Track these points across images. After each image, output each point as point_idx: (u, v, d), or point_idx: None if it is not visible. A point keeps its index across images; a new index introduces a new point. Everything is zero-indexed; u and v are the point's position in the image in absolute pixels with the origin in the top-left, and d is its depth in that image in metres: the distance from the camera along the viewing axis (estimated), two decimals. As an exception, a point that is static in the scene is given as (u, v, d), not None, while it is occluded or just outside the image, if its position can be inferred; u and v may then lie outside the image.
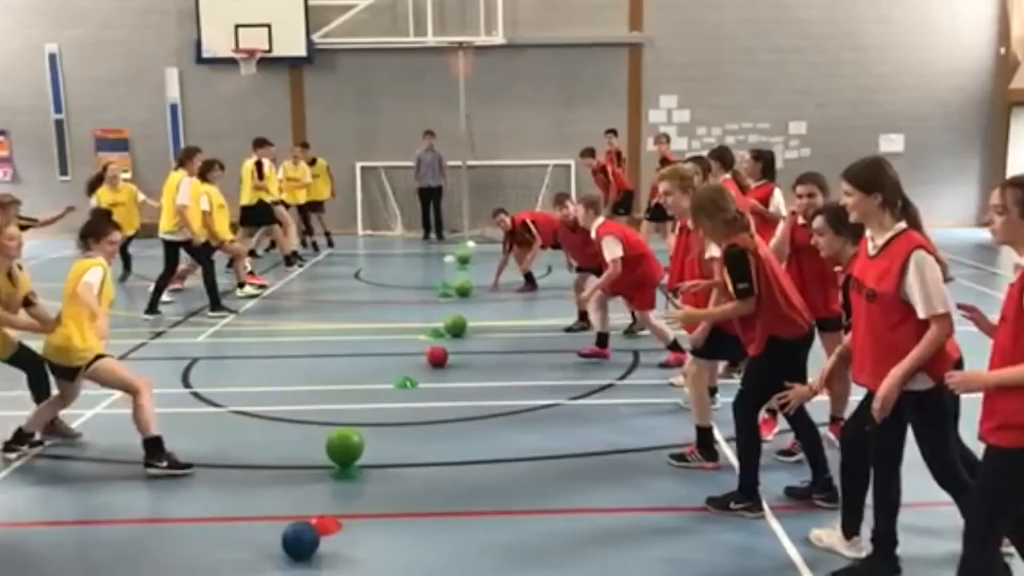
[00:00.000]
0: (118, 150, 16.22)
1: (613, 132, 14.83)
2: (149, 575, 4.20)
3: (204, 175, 9.83)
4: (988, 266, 12.67)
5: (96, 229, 5.56)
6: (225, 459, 5.35)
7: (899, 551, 3.99)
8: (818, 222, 4.65)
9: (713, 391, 5.89)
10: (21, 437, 5.59)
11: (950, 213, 16.42)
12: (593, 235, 7.63)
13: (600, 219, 7.68)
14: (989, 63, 16.42)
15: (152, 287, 9.84)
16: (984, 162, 16.76)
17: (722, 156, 7.67)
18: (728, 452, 5.39)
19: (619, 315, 8.20)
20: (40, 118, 16.36)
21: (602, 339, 7.70)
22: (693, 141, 16.22)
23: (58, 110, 16.43)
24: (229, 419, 6.31)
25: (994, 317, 3.28)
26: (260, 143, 12.60)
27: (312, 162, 14.58)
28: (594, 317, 7.86)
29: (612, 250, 7.33)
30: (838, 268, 4.67)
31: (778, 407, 4.57)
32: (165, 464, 5.23)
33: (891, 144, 16.42)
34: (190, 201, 9.52)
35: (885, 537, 3.95)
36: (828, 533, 4.29)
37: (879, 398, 3.63)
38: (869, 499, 4.06)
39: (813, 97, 16.30)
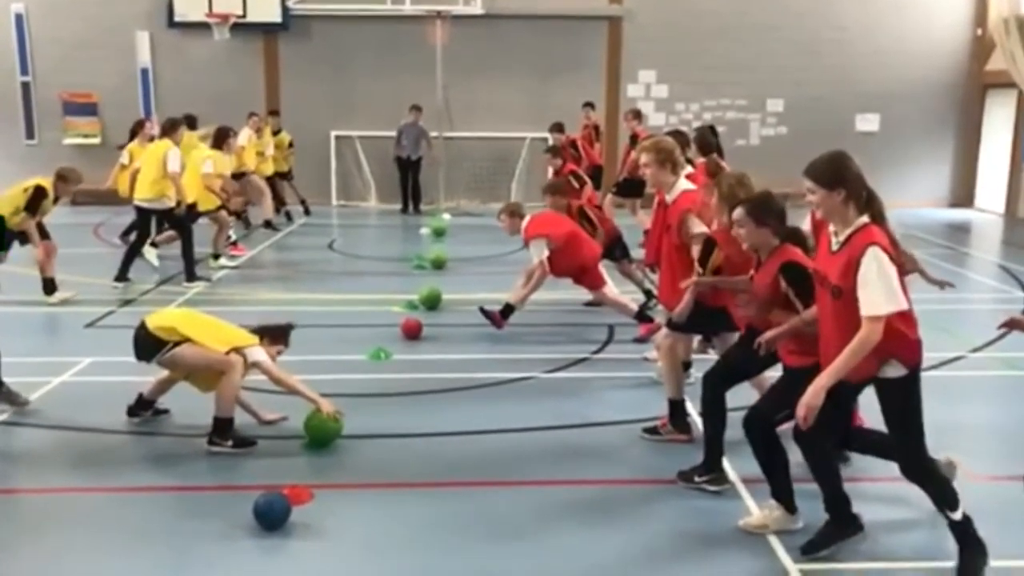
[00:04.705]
0: (87, 115, 15.91)
1: (591, 105, 14.76)
2: (119, 544, 4.14)
3: (220, 143, 10.53)
4: (960, 246, 12.81)
5: (277, 334, 5.48)
6: (196, 428, 5.29)
7: (866, 521, 4.00)
8: (738, 213, 4.27)
9: (687, 365, 5.90)
10: (143, 403, 5.57)
11: (924, 193, 16.58)
12: (523, 238, 7.72)
13: (525, 219, 7.70)
14: (965, 44, 16.51)
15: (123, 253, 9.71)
16: (958, 143, 16.91)
17: (701, 141, 7.86)
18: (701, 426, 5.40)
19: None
20: (5, 81, 16.00)
21: (639, 314, 7.56)
22: (671, 116, 16.21)
23: (24, 72, 16.06)
24: (200, 388, 6.24)
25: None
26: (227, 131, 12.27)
27: (277, 132, 14.37)
28: (612, 301, 7.69)
29: (539, 252, 7.51)
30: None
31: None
32: (230, 443, 5.11)
33: (867, 123, 16.50)
34: (184, 169, 9.52)
35: (835, 500, 3.94)
36: (774, 518, 4.18)
37: (804, 404, 3.53)
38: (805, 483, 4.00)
39: (791, 75, 16.32)
